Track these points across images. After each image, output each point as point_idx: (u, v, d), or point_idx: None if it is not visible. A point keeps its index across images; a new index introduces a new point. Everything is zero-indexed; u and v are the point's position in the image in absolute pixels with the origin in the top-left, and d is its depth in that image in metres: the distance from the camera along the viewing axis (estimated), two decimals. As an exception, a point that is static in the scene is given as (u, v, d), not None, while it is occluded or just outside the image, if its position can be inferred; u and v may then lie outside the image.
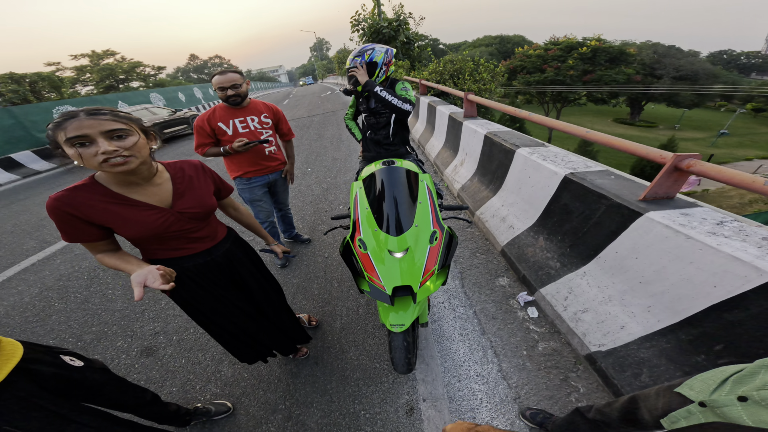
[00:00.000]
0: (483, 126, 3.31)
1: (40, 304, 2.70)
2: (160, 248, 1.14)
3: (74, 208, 0.94)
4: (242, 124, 2.08)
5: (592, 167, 2.00)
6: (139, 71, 41.63)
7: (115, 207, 0.99)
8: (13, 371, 0.91)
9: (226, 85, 1.92)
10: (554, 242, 2.04)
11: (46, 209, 0.96)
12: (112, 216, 0.99)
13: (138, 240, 1.08)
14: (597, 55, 30.83)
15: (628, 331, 1.45)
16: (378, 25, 11.73)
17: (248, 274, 1.42)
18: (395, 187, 1.41)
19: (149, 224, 1.04)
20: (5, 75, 26.77)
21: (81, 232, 0.98)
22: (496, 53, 54.50)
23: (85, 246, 1.03)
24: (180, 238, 1.14)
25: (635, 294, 1.48)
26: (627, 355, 1.41)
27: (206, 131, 2.03)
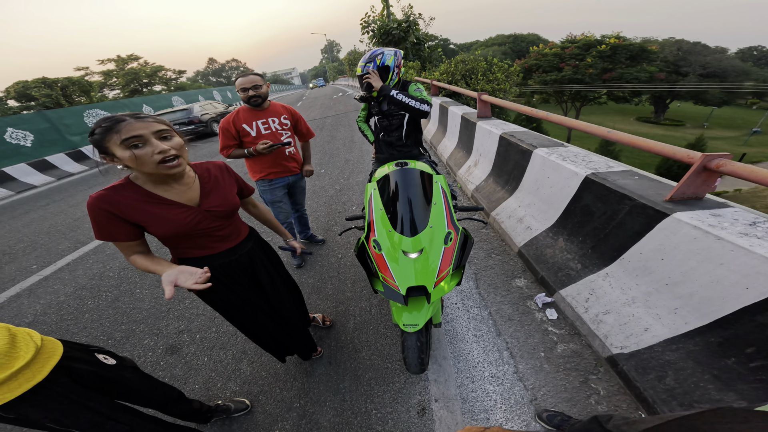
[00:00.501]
0: (498, 126, 3.27)
1: (74, 303, 2.86)
2: (189, 247, 1.19)
3: (114, 206, 0.99)
4: (264, 126, 2.16)
5: (614, 167, 1.95)
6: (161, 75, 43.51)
7: (150, 206, 1.04)
8: (54, 369, 0.96)
9: (248, 86, 2.00)
10: (575, 243, 2.00)
11: (87, 207, 1.00)
12: (147, 215, 1.04)
13: (168, 238, 1.12)
14: (617, 53, 29.91)
15: (652, 333, 1.41)
16: (387, 27, 11.81)
17: (266, 275, 1.45)
18: (409, 188, 1.42)
19: (180, 222, 1.09)
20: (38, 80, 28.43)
21: (117, 229, 1.02)
22: (509, 52, 53.74)
23: (118, 246, 1.08)
24: (207, 236, 1.19)
25: (661, 296, 1.44)
26: (651, 358, 1.38)
27: (231, 133, 2.11)
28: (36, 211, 5.95)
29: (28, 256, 3.98)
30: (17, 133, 9.37)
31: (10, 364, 0.86)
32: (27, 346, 0.92)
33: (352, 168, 5.30)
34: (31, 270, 3.59)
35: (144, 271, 1.16)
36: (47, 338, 1.01)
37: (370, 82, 1.93)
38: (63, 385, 0.99)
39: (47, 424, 0.96)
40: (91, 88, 32.41)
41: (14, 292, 3.18)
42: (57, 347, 1.01)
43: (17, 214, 6.02)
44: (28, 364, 0.90)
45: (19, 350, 0.90)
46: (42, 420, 0.95)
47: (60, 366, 0.98)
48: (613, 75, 29.75)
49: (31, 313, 2.80)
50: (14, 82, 28.87)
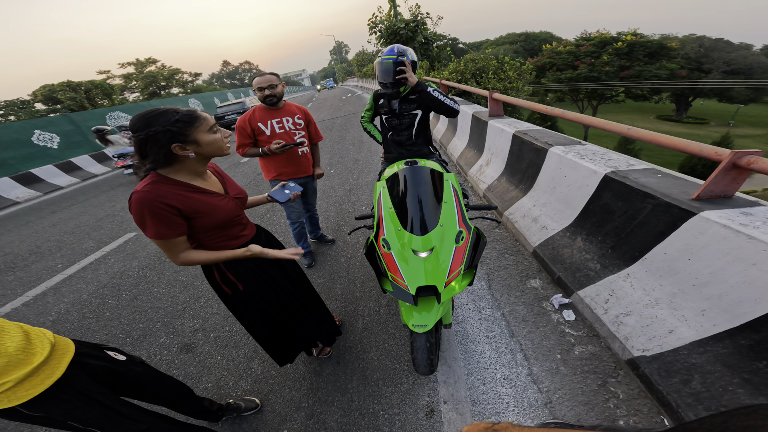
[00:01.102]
0: (510, 125, 3.22)
1: (96, 302, 2.95)
2: (225, 238, 1.22)
3: (165, 198, 0.99)
4: (278, 125, 2.20)
5: (635, 165, 1.90)
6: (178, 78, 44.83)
7: (197, 195, 1.09)
8: (71, 366, 0.98)
9: (264, 85, 2.06)
10: (594, 243, 1.95)
11: (133, 205, 0.99)
12: (199, 203, 1.08)
13: (216, 227, 1.16)
14: (634, 50, 29.01)
15: (677, 335, 1.37)
16: (395, 27, 11.80)
17: (288, 262, 1.52)
18: (419, 187, 1.40)
19: (227, 208, 1.17)
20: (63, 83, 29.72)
21: (173, 224, 1.02)
22: (521, 51, 52.92)
23: (169, 245, 1.06)
24: (237, 225, 1.26)
25: (687, 297, 1.39)
26: (675, 361, 1.33)
27: (247, 132, 2.16)
28: (62, 212, 6.22)
29: (54, 256, 4.15)
30: (44, 135, 9.83)
31: (29, 360, 0.89)
32: (42, 343, 0.94)
33: (362, 168, 5.31)
34: (57, 269, 3.74)
35: (206, 263, 1.17)
36: (59, 337, 1.04)
37: (406, 76, 1.82)
38: (82, 383, 1.00)
39: (71, 423, 0.97)
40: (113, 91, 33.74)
41: (40, 291, 3.32)
42: (69, 345, 1.04)
43: (44, 214, 6.30)
44: (46, 360, 0.93)
45: (35, 347, 0.92)
46: (66, 418, 0.96)
47: (75, 362, 1.01)
48: (630, 73, 28.88)
49: (55, 312, 2.91)
50: (41, 86, 30.25)
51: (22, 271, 3.87)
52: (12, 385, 0.86)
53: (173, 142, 0.97)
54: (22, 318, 2.89)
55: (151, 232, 1.00)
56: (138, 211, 0.98)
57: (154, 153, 0.98)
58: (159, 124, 0.95)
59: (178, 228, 1.05)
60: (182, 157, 1.03)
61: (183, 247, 1.10)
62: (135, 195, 0.98)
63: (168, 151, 0.98)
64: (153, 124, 0.94)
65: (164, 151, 0.98)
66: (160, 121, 0.95)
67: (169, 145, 0.97)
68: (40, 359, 0.91)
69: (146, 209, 0.98)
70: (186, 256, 1.10)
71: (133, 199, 0.99)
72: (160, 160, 1.00)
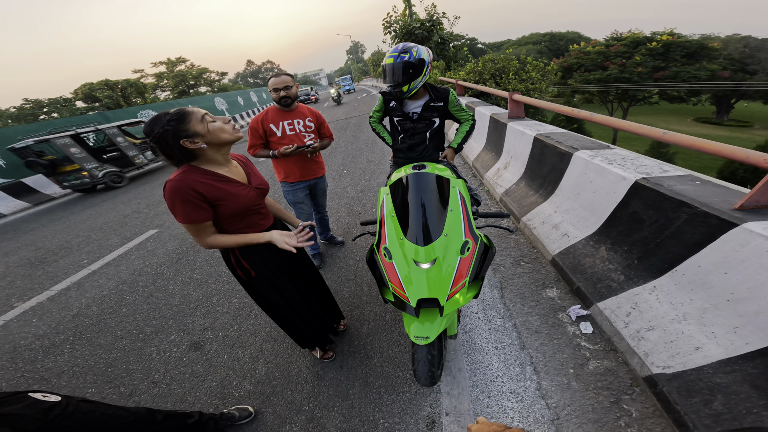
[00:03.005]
0: (532, 127, 3.07)
1: (115, 297, 3.06)
2: (246, 226, 1.30)
3: (193, 187, 1.09)
4: (290, 126, 2.21)
5: (669, 171, 1.78)
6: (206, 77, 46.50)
7: (222, 184, 1.18)
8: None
9: (280, 86, 2.07)
10: (619, 253, 1.84)
11: (166, 193, 1.09)
12: (223, 192, 1.16)
13: (237, 214, 1.24)
14: (670, 51, 27.43)
15: (704, 353, 1.30)
16: (410, 26, 11.70)
17: (300, 251, 1.62)
18: (423, 194, 1.34)
19: (247, 197, 1.24)
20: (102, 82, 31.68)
21: (201, 210, 1.13)
22: (546, 51, 51.39)
23: (197, 229, 1.17)
24: (256, 213, 1.34)
25: (720, 313, 1.30)
26: (698, 380, 1.27)
27: (259, 132, 2.18)
28: (93, 208, 6.59)
29: (81, 251, 4.37)
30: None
31: None
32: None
33: (374, 169, 5.28)
34: (82, 264, 3.94)
35: (230, 246, 1.26)
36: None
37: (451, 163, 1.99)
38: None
39: None
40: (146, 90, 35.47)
41: (65, 285, 3.49)
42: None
43: (77, 209, 6.70)
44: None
45: None
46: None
47: None
48: (666, 74, 27.33)
49: (77, 306, 3.04)
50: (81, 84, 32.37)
51: (51, 265, 4.11)
52: None
53: (178, 138, 1.06)
54: (46, 312, 3.04)
55: (181, 216, 1.11)
56: (170, 197, 1.09)
57: (171, 151, 1.08)
58: (158, 127, 1.04)
59: (205, 213, 1.15)
60: (199, 150, 1.12)
61: (209, 231, 1.21)
62: (168, 183, 1.09)
63: (179, 146, 1.08)
64: (154, 129, 1.05)
65: (176, 147, 1.07)
66: (158, 124, 1.05)
67: (177, 141, 1.06)
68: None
69: (177, 196, 1.08)
70: (212, 239, 1.21)
71: (166, 187, 1.09)
72: (183, 156, 1.11)
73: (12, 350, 2.54)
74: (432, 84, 1.96)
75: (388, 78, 1.82)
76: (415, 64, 1.73)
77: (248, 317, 2.39)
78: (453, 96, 1.90)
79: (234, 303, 2.58)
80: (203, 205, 1.13)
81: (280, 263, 1.46)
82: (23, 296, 3.39)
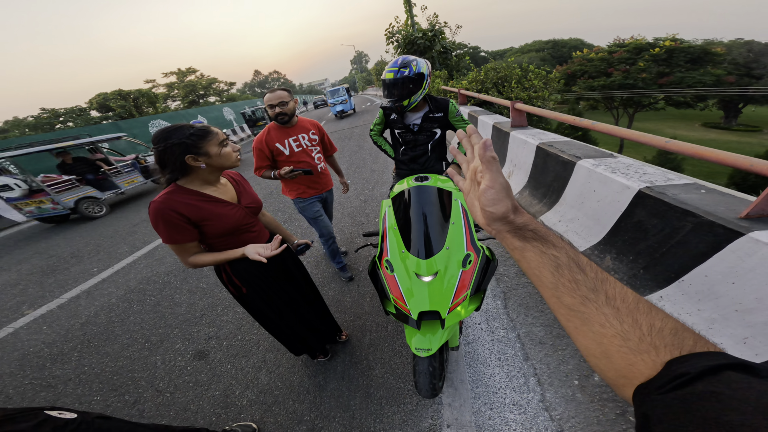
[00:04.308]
0: (534, 136, 3.08)
1: (123, 306, 3.10)
2: (235, 245, 1.29)
3: (176, 209, 1.10)
4: (296, 143, 2.12)
5: (674, 180, 1.77)
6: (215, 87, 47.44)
7: (208, 204, 1.18)
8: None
9: (275, 102, 1.95)
10: (624, 263, 1.82)
11: (150, 214, 1.11)
12: (208, 212, 1.17)
13: (224, 234, 1.24)
14: (674, 56, 27.41)
15: None
16: (412, 36, 11.85)
17: (295, 267, 1.65)
18: (425, 207, 1.35)
19: (234, 217, 1.25)
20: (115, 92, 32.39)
21: (183, 231, 1.13)
22: (549, 58, 51.62)
23: (181, 249, 1.18)
24: (246, 232, 1.33)
25: (728, 323, 1.30)
26: None
27: (265, 153, 2.07)
28: (104, 217, 6.70)
29: (92, 259, 4.45)
30: None
31: None
32: None
33: (377, 179, 5.30)
34: (92, 272, 4.00)
35: (211, 264, 1.27)
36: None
37: None
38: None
39: None
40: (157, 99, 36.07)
41: (75, 293, 3.55)
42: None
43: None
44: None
45: None
46: None
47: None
48: (670, 79, 27.23)
49: (86, 315, 3.08)
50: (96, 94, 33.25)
51: (62, 273, 4.18)
52: None
53: (187, 153, 1.08)
54: (55, 319, 3.09)
55: (164, 237, 1.12)
56: (153, 219, 1.10)
57: (171, 163, 1.10)
58: (176, 137, 1.06)
59: (188, 234, 1.15)
60: (195, 168, 1.14)
61: (192, 252, 1.21)
62: (152, 204, 1.10)
63: (182, 161, 1.10)
64: (171, 138, 1.06)
65: (179, 161, 1.09)
66: (177, 134, 1.07)
67: (184, 156, 1.08)
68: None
69: (160, 218, 1.09)
70: (193, 259, 1.22)
71: (150, 208, 1.11)
72: (177, 171, 1.12)
73: (21, 357, 2.58)
74: (431, 95, 1.96)
75: (388, 93, 1.83)
76: (414, 79, 1.73)
77: (252, 327, 2.40)
78: (453, 106, 1.90)
79: (238, 313, 2.60)
80: (186, 226, 1.13)
81: (270, 279, 1.46)
82: (34, 304, 3.46)
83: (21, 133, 31.58)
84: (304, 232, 3.82)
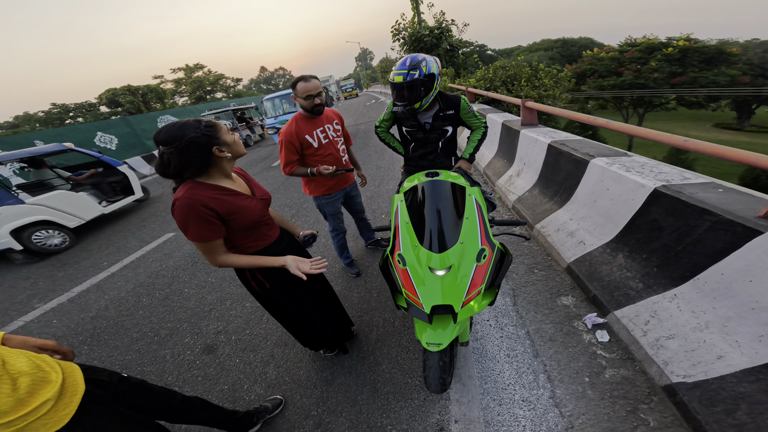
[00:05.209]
0: (546, 134, 3.05)
1: (132, 299, 3.14)
2: (256, 238, 1.29)
3: (205, 203, 1.05)
4: (323, 134, 2.02)
5: (691, 179, 1.75)
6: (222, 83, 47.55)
7: (230, 197, 1.15)
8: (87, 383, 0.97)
9: (314, 92, 1.82)
10: (637, 261, 1.80)
11: (177, 211, 1.04)
12: (233, 206, 1.14)
13: (248, 227, 1.22)
14: (687, 56, 26.88)
15: (727, 362, 1.28)
16: (419, 34, 11.66)
17: None
18: (439, 202, 1.34)
19: (255, 209, 1.23)
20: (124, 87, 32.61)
21: (213, 227, 1.10)
22: (558, 57, 51.07)
23: (209, 248, 1.14)
24: (264, 225, 1.33)
25: (744, 321, 1.29)
26: (721, 389, 1.25)
27: (295, 146, 1.95)
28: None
29: (102, 253, 4.51)
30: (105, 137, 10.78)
31: (50, 378, 0.88)
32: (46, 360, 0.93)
33: (383, 175, 5.28)
34: (102, 266, 4.06)
35: (245, 267, 1.26)
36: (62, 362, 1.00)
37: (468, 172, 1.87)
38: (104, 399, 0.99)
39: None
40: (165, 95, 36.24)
41: (85, 287, 3.60)
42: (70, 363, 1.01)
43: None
44: (65, 377, 0.92)
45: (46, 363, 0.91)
46: None
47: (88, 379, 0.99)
48: (683, 79, 26.75)
49: (95, 308, 3.12)
50: (105, 90, 33.59)
51: (72, 267, 4.26)
52: (52, 404, 0.85)
53: (212, 145, 1.06)
54: (65, 313, 3.14)
55: (193, 234, 1.07)
56: (181, 215, 1.04)
57: (197, 159, 1.05)
58: (191, 131, 1.01)
59: (218, 230, 1.12)
60: (218, 160, 1.11)
61: (221, 250, 1.18)
62: (178, 201, 1.04)
63: (209, 154, 1.06)
64: (187, 133, 1.01)
65: (205, 154, 1.06)
66: (191, 129, 1.02)
67: (209, 148, 1.06)
68: (59, 376, 0.90)
69: (190, 214, 1.04)
70: (224, 258, 1.18)
71: (177, 205, 1.04)
72: (201, 166, 1.07)
73: (34, 349, 2.62)
74: (441, 92, 1.86)
75: (398, 97, 1.75)
76: (426, 81, 1.66)
77: (260, 321, 2.41)
78: (465, 103, 1.86)
79: (247, 307, 2.61)
80: (216, 222, 1.09)
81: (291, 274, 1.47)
82: (44, 297, 3.52)
83: (32, 129, 32.08)
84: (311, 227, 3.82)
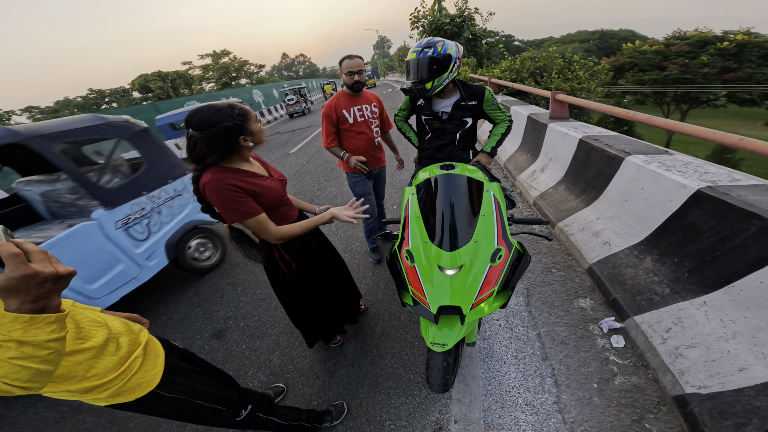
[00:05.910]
0: (577, 129, 2.84)
1: (150, 282, 3.14)
2: (279, 218, 1.28)
3: (234, 183, 1.06)
4: (359, 112, 2.13)
5: (740, 180, 1.59)
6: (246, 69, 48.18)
7: (253, 179, 1.15)
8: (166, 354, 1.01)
9: (354, 69, 1.96)
10: (667, 265, 1.68)
11: (212, 194, 1.05)
12: (257, 186, 1.15)
13: (271, 208, 1.23)
14: (745, 51, 24.45)
15: (749, 374, 1.23)
16: (439, 22, 11.21)
17: (326, 241, 1.68)
18: (453, 197, 1.25)
19: (276, 189, 1.24)
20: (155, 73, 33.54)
21: (251, 203, 1.11)
22: (594, 50, 48.21)
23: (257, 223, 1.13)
24: (285, 205, 1.33)
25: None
26: (736, 402, 1.20)
27: (332, 119, 2.09)
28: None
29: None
30: None
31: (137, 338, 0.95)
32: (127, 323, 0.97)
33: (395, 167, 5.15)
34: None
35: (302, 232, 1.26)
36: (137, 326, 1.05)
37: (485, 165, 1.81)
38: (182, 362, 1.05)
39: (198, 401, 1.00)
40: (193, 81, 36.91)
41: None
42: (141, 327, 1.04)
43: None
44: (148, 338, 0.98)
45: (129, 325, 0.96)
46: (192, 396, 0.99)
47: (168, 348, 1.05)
48: (737, 75, 24.43)
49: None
50: (138, 75, 34.79)
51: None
52: (141, 361, 0.89)
53: (240, 134, 1.06)
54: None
55: (234, 216, 1.08)
56: (219, 198, 1.04)
57: (223, 146, 1.05)
58: (225, 119, 1.01)
59: (255, 207, 1.12)
60: (240, 147, 1.10)
61: (272, 224, 1.17)
62: (208, 185, 1.03)
63: (235, 143, 1.06)
64: (221, 120, 1.01)
65: (233, 143, 1.06)
66: (224, 116, 1.02)
67: (237, 137, 1.06)
68: (144, 336, 0.95)
69: (224, 195, 1.04)
70: (279, 230, 1.18)
71: (207, 189, 1.04)
72: (225, 154, 1.07)
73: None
74: (464, 81, 1.79)
75: (411, 74, 1.69)
76: (439, 59, 1.57)
77: (269, 309, 2.43)
78: (489, 94, 1.73)
79: (257, 294, 2.64)
80: (250, 200, 1.10)
81: (314, 252, 1.51)
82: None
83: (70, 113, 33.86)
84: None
